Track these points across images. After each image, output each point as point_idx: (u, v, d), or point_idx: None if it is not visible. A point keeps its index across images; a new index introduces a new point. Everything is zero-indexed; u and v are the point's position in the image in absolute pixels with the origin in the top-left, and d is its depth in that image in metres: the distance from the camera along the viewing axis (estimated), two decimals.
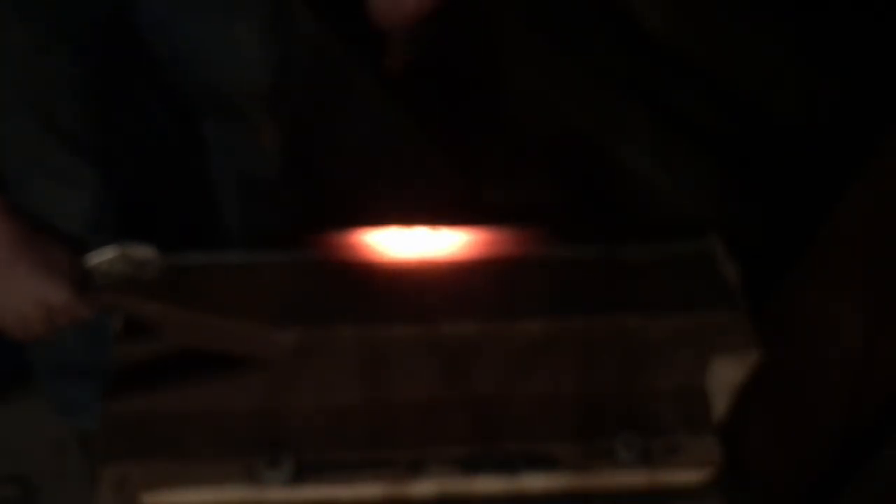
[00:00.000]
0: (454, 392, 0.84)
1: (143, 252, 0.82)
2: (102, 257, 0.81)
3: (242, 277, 0.84)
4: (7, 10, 0.89)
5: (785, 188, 1.12)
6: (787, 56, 1.09)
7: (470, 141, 1.66)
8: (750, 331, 0.85)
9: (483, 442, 0.82)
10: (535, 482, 0.82)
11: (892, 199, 0.90)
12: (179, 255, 0.84)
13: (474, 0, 1.60)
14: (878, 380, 0.98)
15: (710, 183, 1.23)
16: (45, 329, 0.80)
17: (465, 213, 0.93)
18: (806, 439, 1.10)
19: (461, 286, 0.85)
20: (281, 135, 1.19)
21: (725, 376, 0.87)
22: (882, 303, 0.95)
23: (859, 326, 0.97)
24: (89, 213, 1.03)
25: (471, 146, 1.65)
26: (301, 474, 0.80)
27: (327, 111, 1.61)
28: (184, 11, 1.01)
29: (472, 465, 0.82)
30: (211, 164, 1.22)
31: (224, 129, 1.17)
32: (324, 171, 1.55)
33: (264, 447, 0.81)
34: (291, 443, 0.81)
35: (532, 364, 0.84)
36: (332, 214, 1.35)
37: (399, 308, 0.82)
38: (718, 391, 0.88)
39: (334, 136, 1.63)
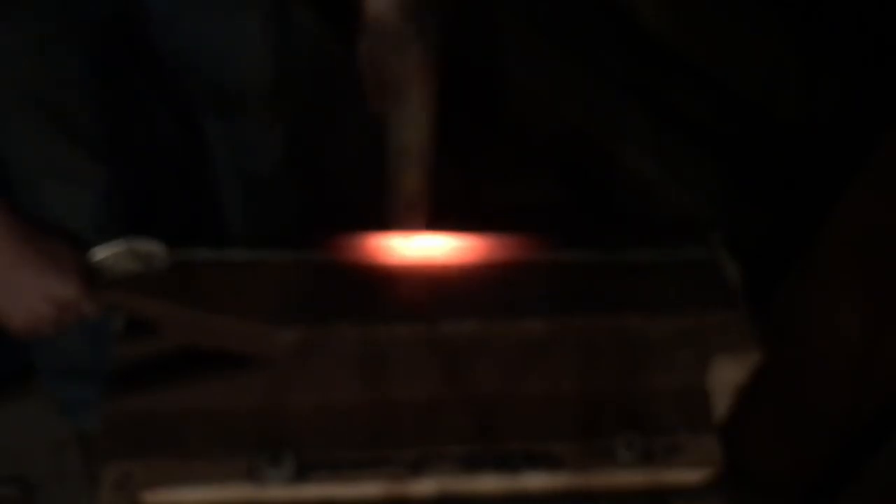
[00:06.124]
0: (455, 391, 0.84)
1: (149, 247, 0.82)
2: (108, 252, 0.81)
3: (244, 276, 0.84)
4: (15, 8, 0.89)
5: (785, 188, 1.12)
6: (787, 56, 1.09)
7: (470, 140, 1.66)
8: (750, 331, 0.85)
9: (483, 441, 0.83)
10: (535, 481, 0.82)
11: (892, 200, 0.90)
12: (183, 251, 0.84)
13: (474, 0, 1.60)
14: (878, 380, 0.98)
15: (710, 183, 1.23)
16: (52, 326, 0.80)
17: (464, 212, 0.93)
18: (806, 439, 1.09)
19: (462, 286, 0.85)
20: (283, 133, 1.19)
21: (725, 376, 0.87)
22: (882, 303, 0.95)
23: (859, 326, 0.97)
24: (98, 212, 1.04)
25: (470, 146, 1.65)
26: (302, 473, 0.80)
27: (327, 109, 1.61)
28: (189, 6, 1.01)
29: (472, 464, 0.82)
30: (213, 162, 1.23)
31: (227, 127, 1.17)
32: (324, 169, 1.55)
33: (265, 446, 0.81)
34: (292, 441, 0.81)
35: (533, 363, 0.84)
36: (333, 212, 1.35)
37: (400, 307, 0.83)
38: (719, 391, 0.88)
39: (334, 134, 1.63)
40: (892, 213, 0.90)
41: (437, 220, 0.93)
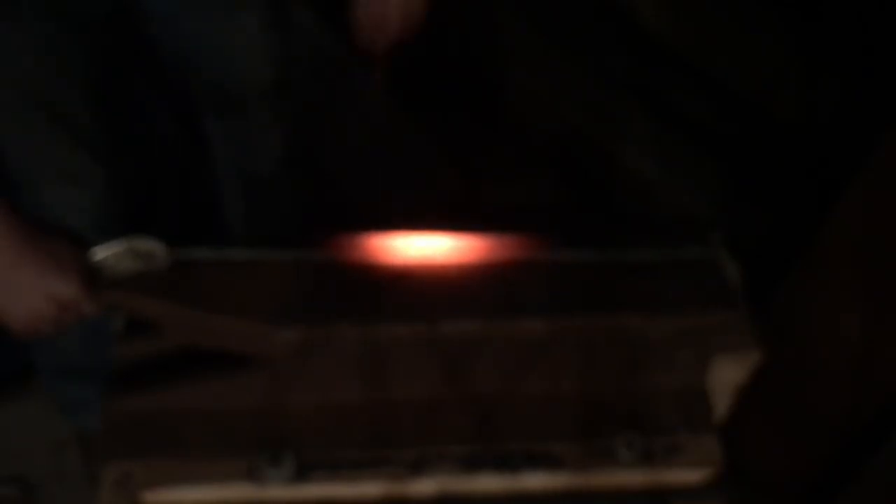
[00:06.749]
0: (455, 391, 0.84)
1: (149, 246, 0.82)
2: (109, 251, 0.81)
3: (244, 276, 0.84)
4: (15, 8, 0.89)
5: (785, 188, 1.12)
6: (787, 56, 1.09)
7: (470, 140, 1.66)
8: (750, 331, 0.85)
9: (484, 441, 0.83)
10: (535, 481, 0.82)
11: (892, 200, 0.91)
12: (183, 250, 0.84)
13: (474, 0, 1.60)
14: (878, 380, 0.98)
15: (710, 183, 1.23)
16: (53, 326, 0.80)
17: (464, 212, 0.93)
18: (806, 439, 1.09)
19: (462, 285, 0.85)
20: (283, 133, 1.19)
21: (726, 376, 0.87)
22: (882, 303, 0.95)
23: (859, 326, 0.97)
24: (98, 212, 1.04)
25: (470, 146, 1.65)
26: (302, 473, 0.80)
27: (327, 109, 1.61)
28: (189, 6, 1.01)
29: (472, 464, 0.82)
30: (213, 162, 1.23)
31: (227, 127, 1.17)
32: (324, 169, 1.55)
33: (265, 446, 0.81)
34: (293, 441, 0.81)
35: (533, 363, 0.84)
36: (334, 213, 1.35)
37: (400, 307, 0.83)
38: (719, 391, 0.88)
39: (334, 134, 1.63)
40: (892, 213, 0.90)
41: (438, 220, 0.93)
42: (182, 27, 1.03)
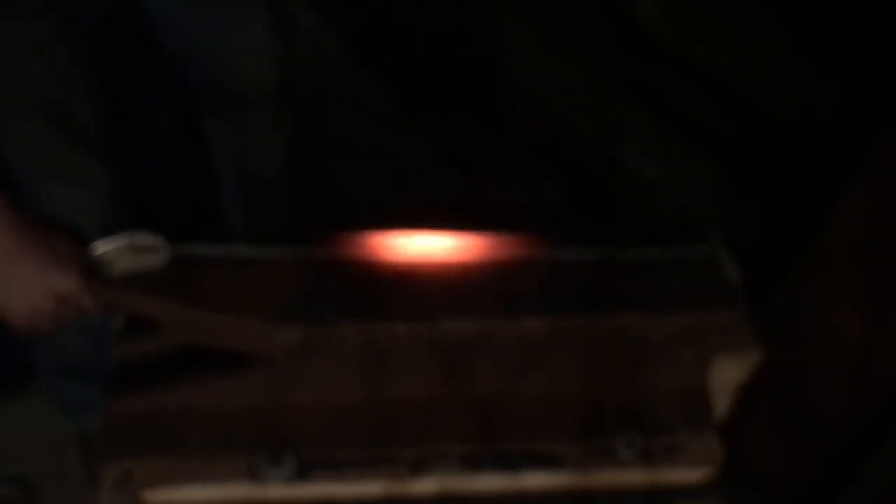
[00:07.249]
0: (455, 390, 0.84)
1: (151, 241, 0.82)
2: (110, 246, 0.81)
3: (244, 275, 0.84)
4: (15, 9, 0.89)
5: (785, 188, 1.12)
6: (787, 56, 1.09)
7: (470, 140, 1.66)
8: (750, 331, 0.85)
9: (484, 440, 0.83)
10: (536, 480, 0.82)
11: (892, 199, 0.91)
12: (184, 246, 0.84)
13: (475, 0, 1.60)
14: (878, 380, 0.98)
15: (710, 183, 1.23)
16: (53, 321, 0.80)
17: (464, 212, 0.93)
18: (806, 439, 1.10)
19: (462, 285, 0.85)
20: (283, 133, 1.19)
21: (726, 376, 0.87)
22: (882, 303, 0.95)
23: (859, 326, 0.97)
24: (99, 213, 1.04)
25: (470, 146, 1.65)
26: (303, 472, 0.80)
27: (329, 110, 1.61)
28: (191, 6, 1.01)
29: (473, 464, 0.82)
30: (213, 162, 1.23)
31: (228, 128, 1.17)
32: (325, 169, 1.56)
33: (266, 445, 0.81)
34: (293, 441, 0.81)
35: (533, 363, 0.84)
36: (334, 213, 1.35)
37: (401, 306, 0.83)
38: (719, 391, 0.88)
39: (335, 134, 1.64)
40: (892, 213, 0.90)
41: (438, 220, 0.93)
42: (182, 27, 1.04)
